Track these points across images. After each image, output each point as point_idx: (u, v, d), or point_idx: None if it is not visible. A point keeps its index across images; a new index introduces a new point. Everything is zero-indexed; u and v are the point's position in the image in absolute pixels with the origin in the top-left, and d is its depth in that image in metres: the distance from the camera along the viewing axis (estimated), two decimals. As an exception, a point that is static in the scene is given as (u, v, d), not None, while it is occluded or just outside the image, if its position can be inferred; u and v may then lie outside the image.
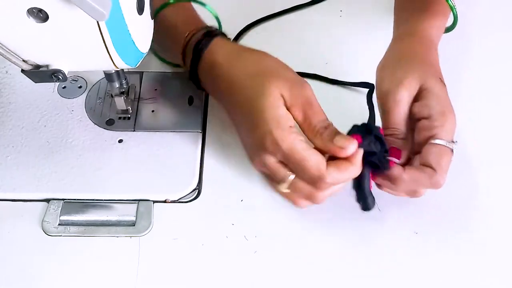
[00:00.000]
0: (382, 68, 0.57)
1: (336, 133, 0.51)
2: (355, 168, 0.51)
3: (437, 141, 0.51)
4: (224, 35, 0.60)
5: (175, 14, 0.62)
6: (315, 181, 0.51)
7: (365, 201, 0.53)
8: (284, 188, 0.54)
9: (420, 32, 0.57)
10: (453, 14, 0.58)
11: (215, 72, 0.57)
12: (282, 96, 0.52)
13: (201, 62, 0.58)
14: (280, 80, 0.52)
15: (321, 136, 0.51)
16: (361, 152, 0.50)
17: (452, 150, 0.52)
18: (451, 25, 0.60)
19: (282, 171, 0.53)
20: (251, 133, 0.54)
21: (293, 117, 0.52)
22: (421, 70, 0.54)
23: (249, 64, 0.56)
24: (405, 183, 0.51)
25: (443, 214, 0.58)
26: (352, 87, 0.66)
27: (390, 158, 0.52)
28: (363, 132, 0.51)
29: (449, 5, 0.57)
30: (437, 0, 0.58)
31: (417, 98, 0.53)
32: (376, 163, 0.51)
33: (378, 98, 0.56)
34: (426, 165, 0.51)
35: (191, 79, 0.61)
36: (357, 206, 0.55)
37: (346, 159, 0.50)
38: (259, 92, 0.52)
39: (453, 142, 0.52)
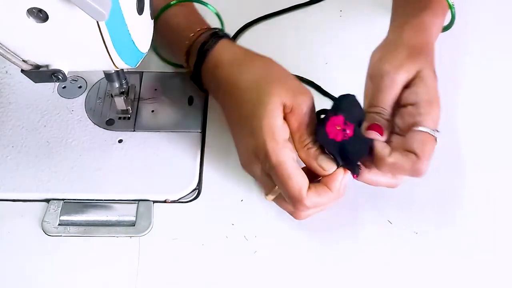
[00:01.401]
0: (381, 49, 0.56)
1: (320, 153, 0.52)
2: (334, 195, 0.52)
3: (421, 128, 0.51)
4: (230, 38, 0.61)
5: (180, 14, 0.63)
6: (294, 201, 0.51)
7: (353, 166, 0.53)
8: (270, 198, 0.55)
9: (422, 26, 0.57)
10: (451, 13, 0.58)
11: (219, 73, 0.57)
12: (283, 104, 0.52)
13: (205, 62, 0.58)
14: (283, 88, 0.53)
15: (308, 151, 0.52)
16: (340, 180, 0.51)
17: (435, 139, 0.51)
18: (448, 24, 0.60)
19: (269, 182, 0.53)
20: (246, 138, 0.54)
21: (288, 123, 0.53)
22: (421, 58, 0.54)
23: (254, 69, 0.56)
24: (388, 166, 0.50)
25: (443, 214, 0.58)
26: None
27: (371, 132, 0.52)
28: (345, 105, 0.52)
29: (448, 4, 0.57)
30: (437, 0, 0.58)
31: (407, 85, 0.53)
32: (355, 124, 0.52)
33: (371, 76, 0.55)
34: (410, 151, 0.51)
35: (193, 79, 0.61)
36: (355, 206, 0.55)
37: (326, 184, 0.51)
38: (260, 98, 0.52)
39: (437, 131, 0.52)
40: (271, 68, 0.56)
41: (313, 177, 0.52)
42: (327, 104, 0.54)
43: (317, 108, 0.54)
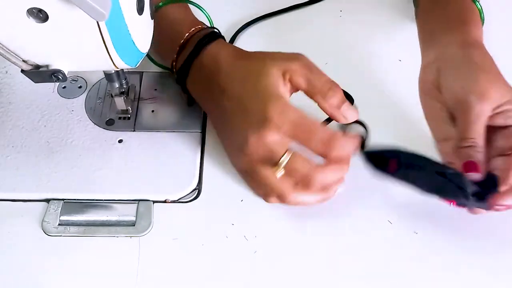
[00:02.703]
0: (448, 71, 0.55)
1: (344, 100, 0.53)
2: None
3: None
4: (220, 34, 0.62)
5: (181, 11, 0.63)
6: (326, 145, 0.51)
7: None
8: (280, 171, 0.52)
9: (477, 41, 0.55)
10: (481, 17, 0.57)
11: (218, 63, 0.57)
12: (282, 73, 0.53)
13: (201, 54, 0.58)
14: (276, 60, 0.54)
15: (329, 100, 0.53)
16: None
17: None
18: None
19: (281, 149, 0.52)
20: (246, 115, 0.53)
21: (297, 87, 0.53)
22: (499, 82, 0.53)
23: (250, 55, 0.57)
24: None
25: (443, 214, 0.58)
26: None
27: (469, 174, 0.51)
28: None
29: (478, 8, 0.57)
30: (470, 9, 0.58)
31: (497, 107, 0.52)
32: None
33: (448, 103, 0.54)
34: None
35: (178, 74, 0.61)
36: (355, 206, 0.55)
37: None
38: (259, 71, 0.53)
39: None
40: (262, 52, 0.57)
41: None
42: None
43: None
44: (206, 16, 0.64)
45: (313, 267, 0.55)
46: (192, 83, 0.60)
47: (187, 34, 0.60)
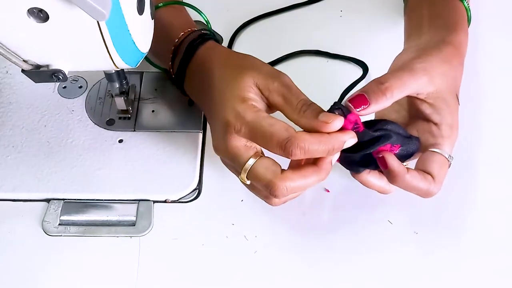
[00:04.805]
0: (417, 51, 0.54)
1: (321, 110, 0.49)
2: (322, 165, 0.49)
3: (441, 152, 0.51)
4: (216, 40, 0.60)
5: (171, 15, 0.62)
6: (284, 147, 0.47)
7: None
8: (243, 178, 0.50)
9: (457, 44, 0.55)
10: (468, 17, 0.57)
11: (206, 67, 0.56)
12: (257, 86, 0.51)
13: (193, 59, 0.58)
14: (255, 71, 0.51)
15: (305, 114, 0.48)
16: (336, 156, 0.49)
17: (449, 165, 0.52)
18: None
19: (245, 154, 0.50)
20: (217, 112, 0.52)
21: (274, 104, 0.51)
22: (451, 79, 0.53)
23: (233, 60, 0.55)
24: (404, 183, 0.50)
25: (443, 214, 0.58)
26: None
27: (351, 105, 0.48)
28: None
29: (465, 7, 0.56)
30: (461, 14, 0.57)
31: (426, 100, 0.52)
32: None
33: (396, 67, 0.53)
34: (426, 171, 0.51)
35: (176, 80, 0.60)
36: (355, 206, 0.55)
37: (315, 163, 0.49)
38: (232, 79, 0.51)
39: (451, 157, 0.52)
40: (249, 58, 0.55)
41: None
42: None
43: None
44: (204, 18, 0.64)
45: (313, 267, 0.55)
46: (189, 87, 0.60)
47: (176, 40, 0.59)
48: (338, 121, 0.47)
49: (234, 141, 0.49)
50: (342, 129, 0.48)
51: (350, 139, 0.48)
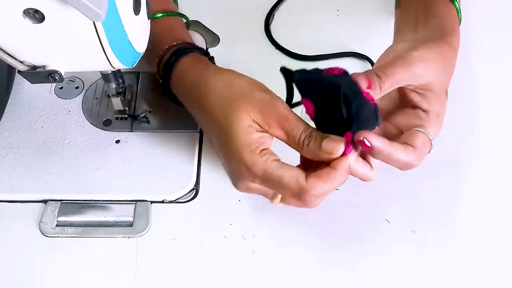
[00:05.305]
0: (414, 42, 0.54)
1: (322, 138, 0.49)
2: (340, 174, 0.49)
3: (424, 131, 0.51)
4: (198, 49, 0.59)
5: (165, 25, 0.62)
6: (299, 196, 0.49)
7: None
8: (276, 202, 0.52)
9: (452, 44, 0.55)
10: (459, 17, 0.57)
11: (186, 94, 0.56)
12: (255, 120, 0.50)
13: (171, 81, 0.58)
14: (249, 105, 0.51)
15: (308, 148, 0.49)
16: (347, 159, 0.49)
17: (430, 149, 0.51)
18: None
19: (268, 192, 0.52)
20: (228, 160, 0.53)
21: (276, 137, 0.51)
22: (444, 75, 0.53)
23: (218, 88, 0.53)
24: (385, 153, 0.49)
25: (441, 213, 0.58)
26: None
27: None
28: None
29: (456, 8, 0.57)
30: (453, 16, 0.58)
31: (416, 90, 0.53)
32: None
33: (390, 56, 0.54)
34: (408, 144, 0.50)
35: (167, 95, 0.60)
36: (352, 204, 0.54)
37: (329, 165, 0.49)
38: (229, 120, 0.51)
39: (433, 144, 0.52)
40: (235, 82, 0.53)
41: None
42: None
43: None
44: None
45: (311, 267, 0.55)
46: (177, 94, 0.59)
47: (160, 53, 0.59)
48: (341, 149, 0.48)
49: (252, 185, 0.52)
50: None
51: (352, 157, 0.49)
